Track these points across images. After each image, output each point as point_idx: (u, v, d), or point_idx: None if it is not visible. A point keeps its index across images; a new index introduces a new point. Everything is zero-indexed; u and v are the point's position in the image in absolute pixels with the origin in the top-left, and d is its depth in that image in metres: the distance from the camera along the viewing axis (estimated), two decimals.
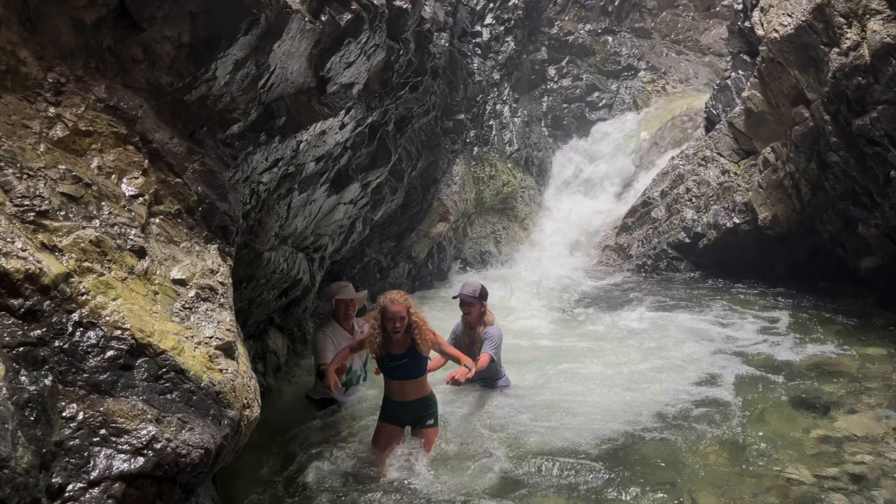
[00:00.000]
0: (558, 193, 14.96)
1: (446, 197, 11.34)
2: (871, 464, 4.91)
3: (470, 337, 6.42)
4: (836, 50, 7.38)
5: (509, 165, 13.80)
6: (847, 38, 7.19)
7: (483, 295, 6.41)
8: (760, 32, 9.33)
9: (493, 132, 13.56)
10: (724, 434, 5.54)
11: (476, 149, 12.97)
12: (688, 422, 5.81)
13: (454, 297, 6.54)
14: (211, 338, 3.27)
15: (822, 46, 7.69)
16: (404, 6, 6.16)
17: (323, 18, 4.77)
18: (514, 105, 14.47)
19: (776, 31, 8.54)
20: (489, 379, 6.42)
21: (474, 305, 6.35)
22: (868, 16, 6.89)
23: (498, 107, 13.84)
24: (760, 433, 5.53)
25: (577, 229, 13.95)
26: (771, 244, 10.28)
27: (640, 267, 11.91)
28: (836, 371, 6.84)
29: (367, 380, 6.48)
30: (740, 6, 11.91)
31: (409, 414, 5.35)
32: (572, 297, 10.85)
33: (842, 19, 7.24)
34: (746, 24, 11.29)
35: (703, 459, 5.15)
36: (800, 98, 8.69)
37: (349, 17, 5.04)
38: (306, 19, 4.51)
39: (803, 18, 7.90)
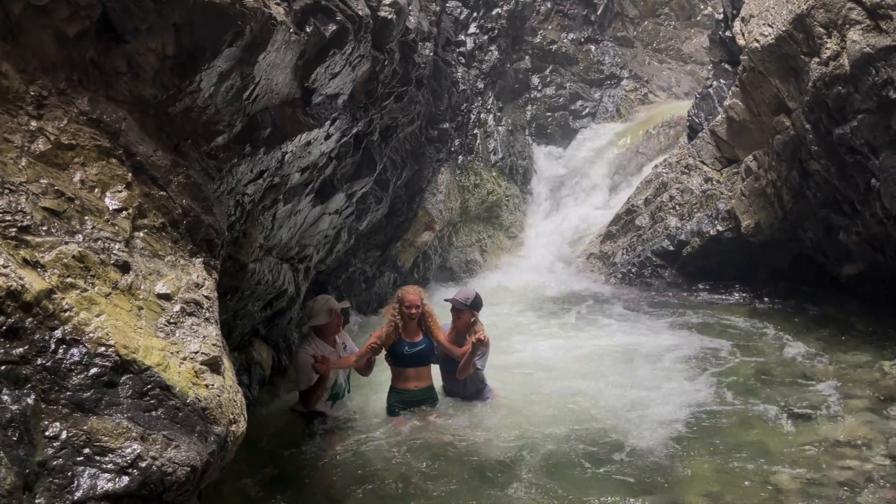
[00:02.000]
0: (542, 202, 15.01)
1: (431, 206, 11.34)
2: (857, 469, 4.94)
3: (457, 342, 6.36)
4: (817, 60, 7.46)
5: (494, 174, 13.83)
6: (827, 48, 7.27)
7: (475, 304, 6.38)
8: (741, 42, 9.42)
9: (478, 141, 13.59)
10: (709, 441, 5.56)
11: (461, 157, 12.99)
12: (673, 429, 5.82)
13: (446, 300, 6.55)
14: (196, 353, 3.23)
15: (802, 56, 7.78)
16: (389, 17, 6.16)
17: (308, 30, 4.75)
18: (499, 114, 14.51)
19: (757, 40, 8.63)
20: (476, 392, 6.45)
21: (464, 313, 6.34)
22: (847, 26, 6.98)
23: (482, 116, 13.88)
24: (746, 440, 5.56)
25: (561, 237, 13.99)
26: (754, 251, 10.35)
27: (624, 275, 11.95)
28: (819, 377, 6.89)
29: (352, 392, 6.46)
30: (721, 16, 12.05)
31: (421, 400, 6.14)
32: (556, 305, 10.87)
33: (822, 29, 7.32)
34: (727, 33, 11.41)
35: (689, 467, 5.16)
36: (781, 107, 8.78)
37: (334, 28, 5.03)
38: (291, 31, 4.49)
39: (784, 28, 7.99)
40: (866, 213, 7.63)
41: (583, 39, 16.65)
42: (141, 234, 3.43)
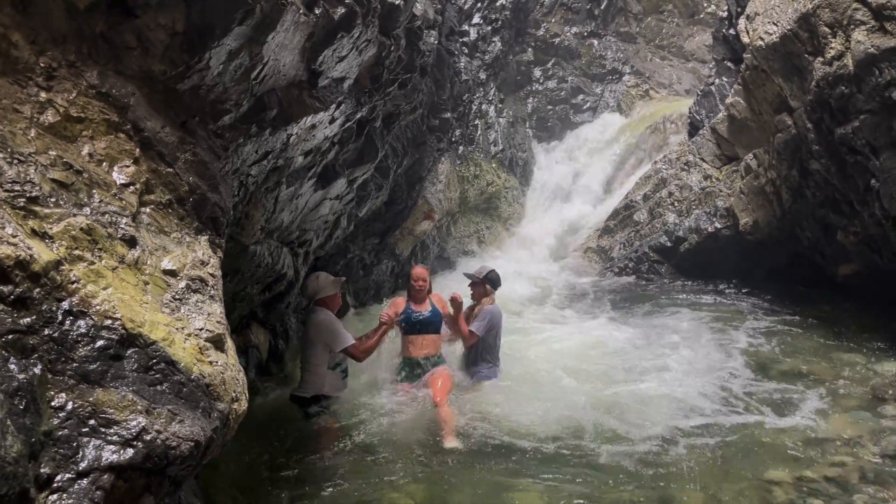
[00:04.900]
0: (541, 194, 15.02)
1: (431, 195, 11.34)
2: (850, 465, 4.98)
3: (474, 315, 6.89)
4: (821, 59, 7.47)
5: (494, 165, 13.84)
6: (831, 48, 7.28)
7: (489, 279, 6.90)
8: (746, 40, 9.43)
9: (479, 132, 13.59)
10: (703, 436, 5.58)
11: (461, 148, 12.99)
12: (665, 425, 5.83)
13: (465, 274, 7.14)
14: (201, 329, 3.23)
15: (806, 55, 7.79)
16: (397, 2, 6.14)
17: (317, 11, 4.74)
18: (500, 105, 14.50)
19: (761, 39, 8.64)
20: (476, 369, 6.68)
21: (478, 287, 6.89)
22: (853, 26, 6.98)
23: (483, 107, 13.87)
24: (739, 435, 5.59)
25: (559, 230, 14.01)
26: (751, 249, 10.40)
27: (621, 269, 11.99)
28: (813, 375, 6.93)
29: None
30: (725, 14, 12.05)
31: (427, 365, 6.46)
32: (551, 298, 10.90)
33: (827, 29, 7.33)
34: (731, 31, 11.42)
35: (683, 463, 5.17)
36: (783, 106, 8.79)
37: (342, 11, 5.02)
38: (301, 11, 4.48)
39: (788, 27, 7.99)
40: (865, 213, 7.66)
41: (586, 34, 16.65)
42: (147, 210, 3.42)
